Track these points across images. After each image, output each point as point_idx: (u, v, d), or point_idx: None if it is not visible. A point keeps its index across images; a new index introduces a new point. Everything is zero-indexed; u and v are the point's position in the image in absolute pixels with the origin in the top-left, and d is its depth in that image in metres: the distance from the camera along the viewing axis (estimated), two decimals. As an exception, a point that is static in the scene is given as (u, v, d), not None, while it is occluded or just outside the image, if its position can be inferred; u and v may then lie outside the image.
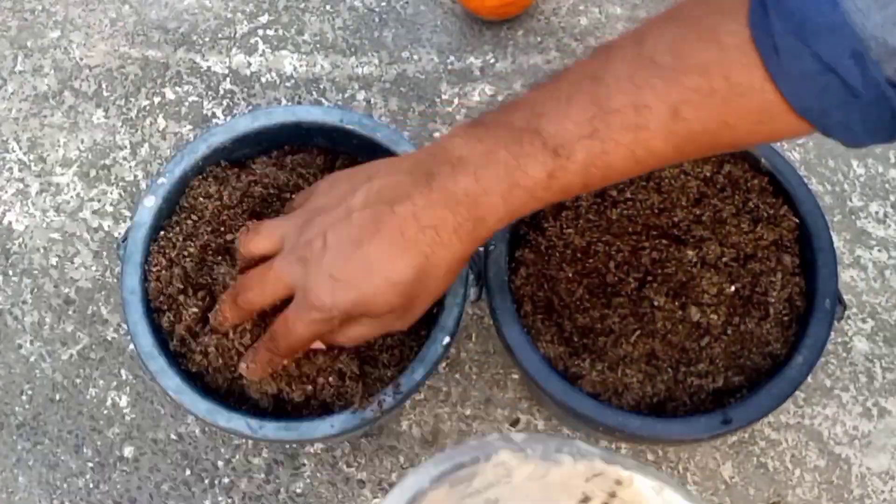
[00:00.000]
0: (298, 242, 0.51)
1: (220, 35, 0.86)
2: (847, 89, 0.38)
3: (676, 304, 0.61)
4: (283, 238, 0.53)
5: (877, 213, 0.80)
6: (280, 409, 0.60)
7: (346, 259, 0.48)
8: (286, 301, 0.53)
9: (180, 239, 0.63)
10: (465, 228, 0.47)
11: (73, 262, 0.79)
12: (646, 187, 0.64)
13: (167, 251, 0.62)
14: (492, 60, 0.85)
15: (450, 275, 0.49)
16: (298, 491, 0.72)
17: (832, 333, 0.60)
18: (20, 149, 0.82)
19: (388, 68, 0.85)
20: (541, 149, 0.44)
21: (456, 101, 0.84)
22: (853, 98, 0.39)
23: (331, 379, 0.58)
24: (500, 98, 0.84)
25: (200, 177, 0.65)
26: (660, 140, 0.43)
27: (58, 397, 0.75)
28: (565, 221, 0.63)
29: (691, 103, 0.41)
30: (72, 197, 0.81)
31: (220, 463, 0.73)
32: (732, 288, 0.62)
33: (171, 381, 0.58)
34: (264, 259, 0.54)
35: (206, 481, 0.73)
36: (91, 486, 0.73)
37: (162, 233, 0.63)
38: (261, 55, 0.86)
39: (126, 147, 0.82)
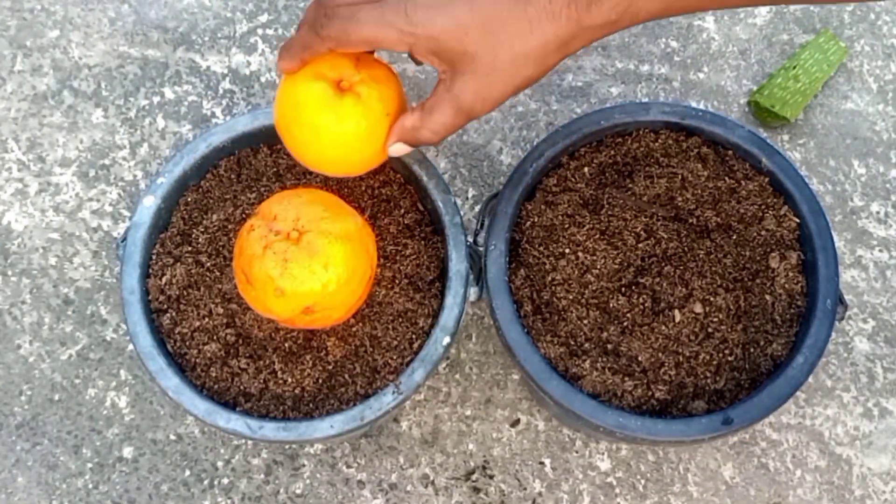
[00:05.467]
0: None
1: (219, 34, 0.86)
2: None
3: (677, 305, 0.61)
4: None
5: (878, 213, 0.80)
6: (276, 407, 0.60)
7: None
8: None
9: (179, 239, 0.63)
10: (581, 4, 0.44)
11: (72, 262, 0.78)
12: (649, 186, 0.63)
13: (167, 251, 0.62)
14: (492, 60, 0.85)
15: (546, 57, 0.47)
16: (298, 492, 0.72)
17: (833, 334, 0.60)
18: (19, 148, 0.82)
19: (387, 68, 0.85)
20: None
21: (456, 100, 0.84)
22: None
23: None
24: (500, 98, 0.84)
25: (200, 176, 0.64)
26: None
27: (57, 398, 0.75)
28: (566, 223, 0.63)
29: None
30: (71, 197, 0.81)
31: (219, 463, 0.73)
32: (733, 288, 0.61)
33: (171, 382, 0.58)
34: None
35: (206, 482, 0.72)
36: (90, 486, 0.72)
37: (161, 233, 0.63)
38: (260, 54, 0.85)
39: (125, 147, 0.82)
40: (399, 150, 0.53)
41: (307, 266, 0.52)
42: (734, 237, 0.63)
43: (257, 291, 0.53)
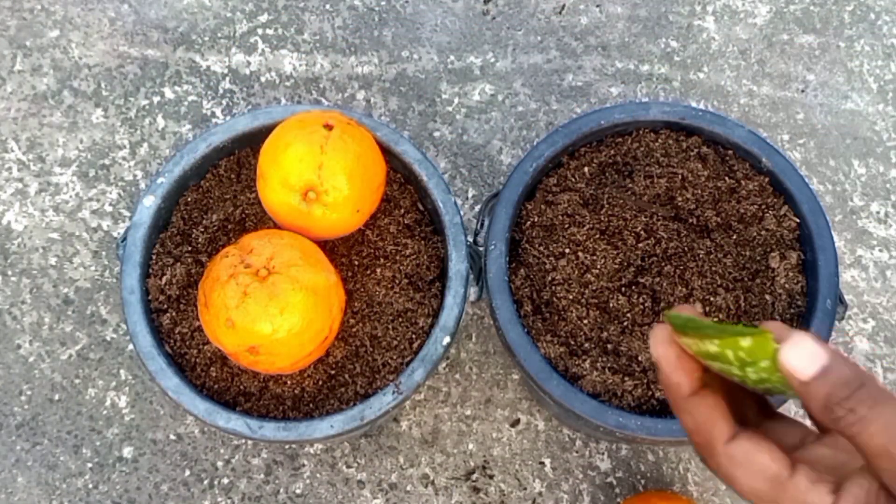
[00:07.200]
0: None
1: (219, 34, 0.86)
2: None
3: (677, 304, 0.61)
4: None
5: (878, 213, 0.80)
6: (275, 407, 0.60)
7: None
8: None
9: (179, 238, 0.63)
10: None
11: (72, 262, 0.78)
12: (649, 186, 0.63)
13: (167, 250, 0.62)
14: (492, 59, 0.85)
15: None
16: (298, 491, 0.72)
17: (833, 333, 0.60)
18: (19, 148, 0.82)
19: (387, 68, 0.85)
20: None
21: (456, 100, 0.84)
22: None
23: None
24: (500, 98, 0.84)
25: (200, 176, 0.64)
26: None
27: (57, 398, 0.75)
28: (566, 223, 0.63)
29: None
30: (71, 197, 0.80)
31: (219, 463, 0.73)
32: (733, 288, 0.61)
33: (171, 382, 0.58)
34: None
35: (206, 482, 0.72)
36: (90, 486, 0.72)
37: (161, 232, 0.63)
38: (260, 54, 0.85)
39: (125, 147, 0.82)
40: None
41: (264, 305, 0.51)
42: (734, 237, 0.63)
43: (211, 317, 0.53)
